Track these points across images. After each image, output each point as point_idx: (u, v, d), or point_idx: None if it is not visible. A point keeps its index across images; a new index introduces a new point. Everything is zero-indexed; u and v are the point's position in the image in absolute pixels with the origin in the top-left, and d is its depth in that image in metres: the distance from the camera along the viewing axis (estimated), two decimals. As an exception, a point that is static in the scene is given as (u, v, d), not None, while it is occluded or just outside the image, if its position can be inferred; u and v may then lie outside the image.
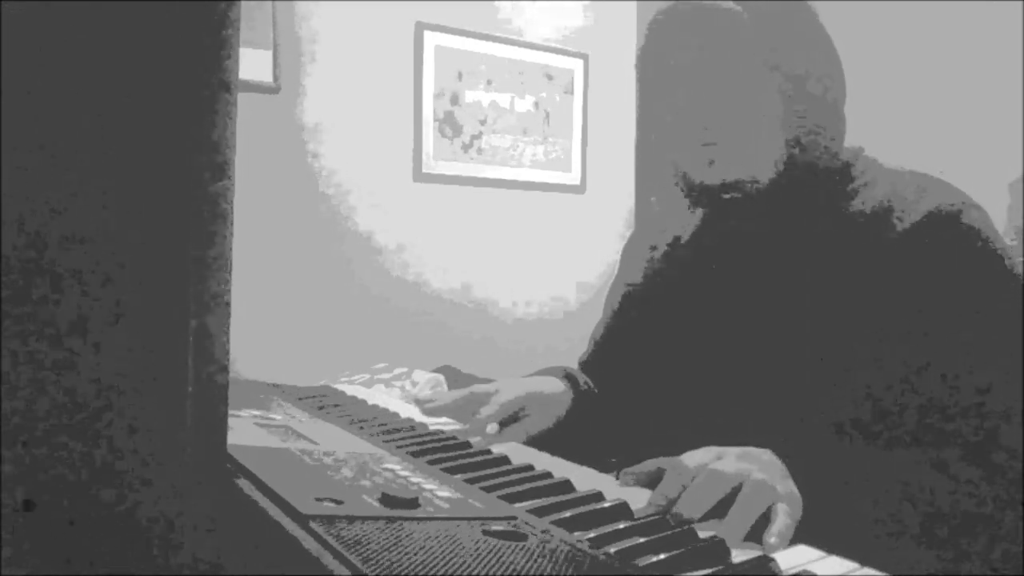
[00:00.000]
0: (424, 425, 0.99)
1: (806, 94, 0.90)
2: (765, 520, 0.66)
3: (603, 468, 0.89)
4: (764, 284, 0.95)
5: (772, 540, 0.63)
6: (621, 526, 0.62)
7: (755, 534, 0.65)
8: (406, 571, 0.46)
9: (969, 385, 0.82)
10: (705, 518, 0.67)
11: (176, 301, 0.50)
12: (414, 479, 0.68)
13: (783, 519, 0.65)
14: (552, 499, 0.67)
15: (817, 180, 0.94)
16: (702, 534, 0.62)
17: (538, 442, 0.96)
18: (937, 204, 0.87)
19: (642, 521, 0.64)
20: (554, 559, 0.52)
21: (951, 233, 0.85)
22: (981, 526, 0.76)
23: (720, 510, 0.67)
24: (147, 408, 0.51)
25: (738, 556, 0.59)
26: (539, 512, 0.63)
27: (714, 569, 0.56)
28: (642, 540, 0.58)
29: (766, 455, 0.73)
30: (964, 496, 0.76)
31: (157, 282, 0.51)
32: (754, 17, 0.89)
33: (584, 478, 0.76)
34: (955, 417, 0.81)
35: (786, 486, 0.70)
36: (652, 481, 0.73)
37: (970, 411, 0.81)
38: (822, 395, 0.86)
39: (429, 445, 0.86)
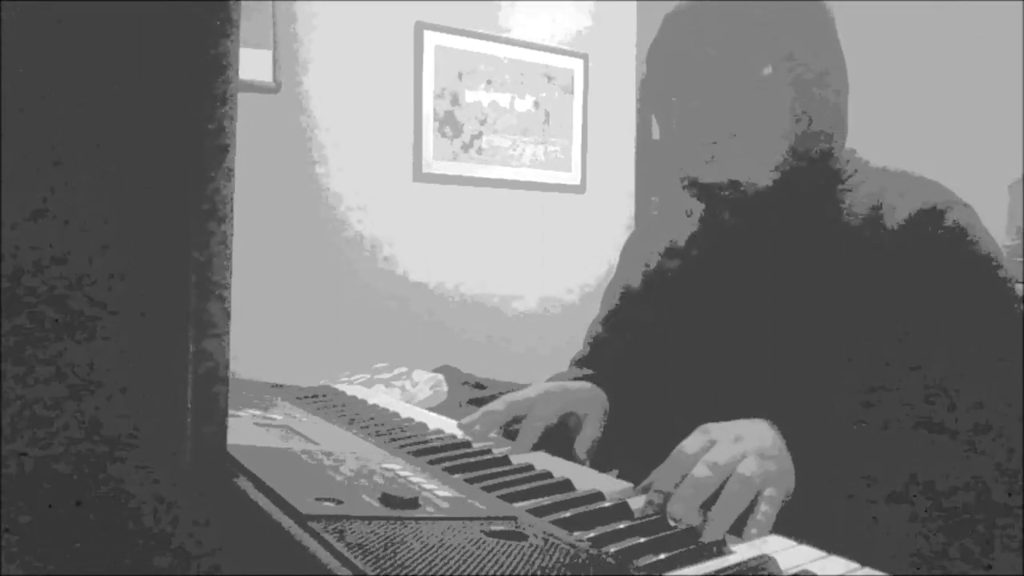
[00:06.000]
0: (424, 425, 0.99)
1: (813, 96, 0.91)
2: (750, 508, 0.67)
3: (602, 467, 0.89)
4: (758, 282, 0.95)
5: (752, 531, 0.65)
6: (621, 526, 0.62)
7: (740, 524, 0.66)
8: (406, 571, 0.46)
9: (955, 379, 0.82)
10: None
11: (176, 301, 0.50)
12: (414, 479, 0.68)
13: (764, 509, 0.66)
14: (552, 499, 0.67)
15: (813, 181, 0.94)
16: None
17: (540, 442, 0.96)
18: (923, 202, 0.88)
19: (642, 521, 0.64)
20: (554, 559, 0.52)
21: (936, 230, 0.86)
22: (980, 520, 0.76)
23: (711, 500, 0.67)
24: (147, 408, 0.51)
25: (738, 556, 0.59)
26: (539, 512, 0.63)
27: (714, 569, 0.56)
28: (642, 540, 0.58)
29: (760, 428, 0.74)
30: (961, 488, 0.77)
31: (157, 282, 0.51)
32: (766, 17, 0.89)
33: (584, 478, 0.76)
34: (941, 410, 0.81)
35: (779, 460, 0.72)
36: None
37: (957, 404, 0.81)
38: (814, 389, 0.86)
39: (429, 445, 0.86)
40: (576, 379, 1.07)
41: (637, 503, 0.68)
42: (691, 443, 0.72)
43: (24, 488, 0.49)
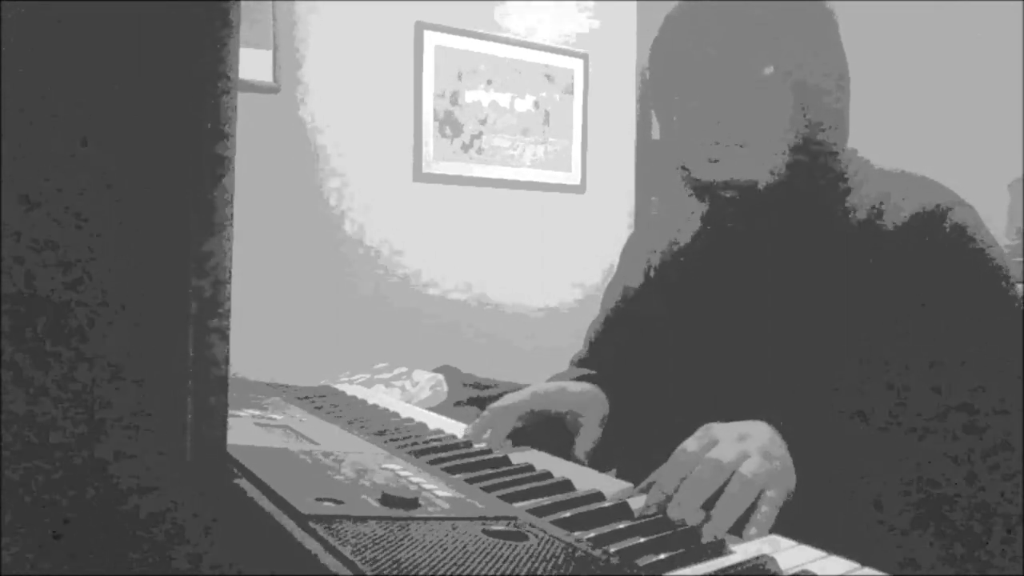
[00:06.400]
0: (424, 425, 0.99)
1: (814, 96, 0.91)
2: (751, 509, 0.67)
3: (602, 467, 0.89)
4: (759, 281, 0.95)
5: (752, 532, 0.65)
6: (621, 526, 0.62)
7: (740, 524, 0.66)
8: (406, 571, 0.46)
9: (956, 380, 0.82)
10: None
11: (176, 301, 0.50)
12: (414, 479, 0.68)
13: (765, 510, 0.66)
14: (552, 499, 0.67)
15: (815, 182, 0.94)
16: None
17: (538, 442, 0.96)
18: (925, 203, 0.88)
19: (642, 521, 0.64)
20: (554, 559, 0.52)
21: (938, 230, 0.86)
22: (980, 520, 0.76)
23: (712, 501, 0.67)
24: (147, 408, 0.51)
25: (738, 556, 0.59)
26: (539, 512, 0.63)
27: (714, 569, 0.56)
28: (642, 540, 0.58)
29: (762, 429, 0.74)
30: (962, 488, 0.77)
31: (157, 282, 0.51)
32: (767, 17, 0.89)
33: (584, 478, 0.76)
34: (942, 410, 0.81)
35: (781, 460, 0.72)
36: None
37: (958, 405, 0.81)
38: (815, 389, 0.86)
39: (429, 445, 0.86)
40: (577, 379, 1.07)
41: (637, 503, 0.68)
42: (693, 442, 0.72)
43: (24, 488, 0.49)
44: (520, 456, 0.84)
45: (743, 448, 0.70)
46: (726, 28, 0.90)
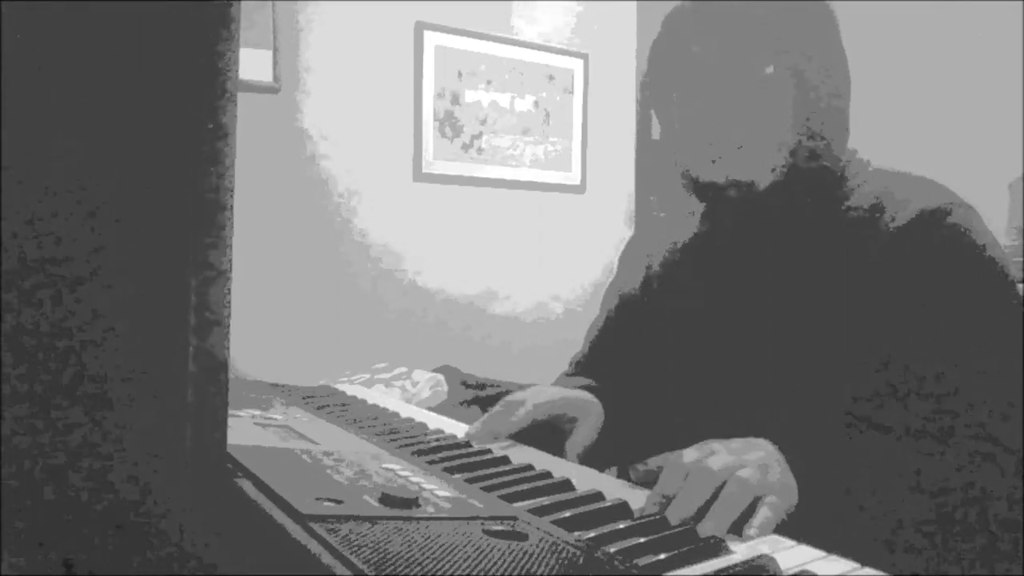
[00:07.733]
0: (424, 425, 0.99)
1: (815, 96, 0.91)
2: (751, 512, 0.67)
3: (602, 466, 0.89)
4: (759, 282, 0.95)
5: (751, 532, 0.64)
6: (621, 526, 0.62)
7: (740, 526, 0.66)
8: (406, 571, 0.46)
9: (956, 381, 0.82)
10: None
11: (176, 301, 0.50)
12: (414, 479, 0.68)
13: (765, 512, 0.66)
14: (552, 499, 0.67)
15: (815, 182, 0.94)
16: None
17: (538, 442, 0.96)
18: (925, 204, 0.88)
19: (642, 521, 0.64)
20: (554, 559, 0.52)
21: (938, 231, 0.86)
22: (980, 521, 0.76)
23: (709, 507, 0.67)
24: (147, 408, 0.51)
25: (738, 555, 0.59)
26: (539, 512, 0.63)
27: (714, 569, 0.56)
28: (642, 540, 0.58)
29: (762, 445, 0.74)
30: (962, 489, 0.77)
31: (157, 282, 0.51)
32: (768, 17, 0.89)
33: (584, 478, 0.76)
34: (942, 412, 0.81)
35: (781, 476, 0.71)
36: (655, 480, 0.73)
37: (958, 405, 0.81)
38: (815, 390, 0.86)
39: (429, 445, 0.86)
40: (576, 388, 1.07)
41: (637, 501, 0.68)
42: (693, 451, 0.72)
43: (24, 488, 0.49)
44: (520, 456, 0.84)
45: (742, 459, 0.70)
46: (726, 28, 0.90)
